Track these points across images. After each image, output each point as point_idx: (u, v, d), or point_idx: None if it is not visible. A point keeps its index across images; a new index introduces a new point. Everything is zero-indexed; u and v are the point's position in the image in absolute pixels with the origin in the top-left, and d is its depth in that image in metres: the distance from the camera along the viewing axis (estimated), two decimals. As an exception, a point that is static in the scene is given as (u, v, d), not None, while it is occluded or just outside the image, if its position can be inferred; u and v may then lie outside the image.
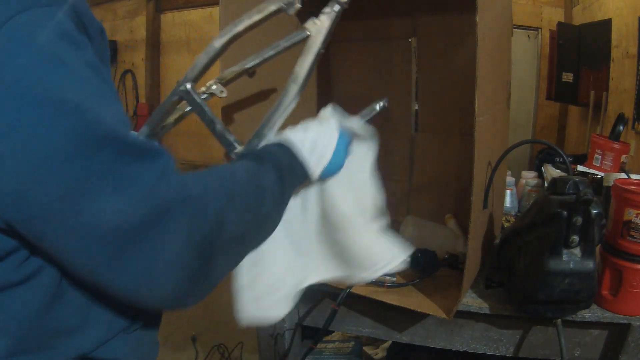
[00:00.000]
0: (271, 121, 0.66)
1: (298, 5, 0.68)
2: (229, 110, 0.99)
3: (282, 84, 0.68)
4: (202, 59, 0.72)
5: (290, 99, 0.66)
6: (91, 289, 0.48)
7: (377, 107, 0.80)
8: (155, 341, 0.63)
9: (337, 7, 0.67)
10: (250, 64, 0.81)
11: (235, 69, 0.82)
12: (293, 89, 0.66)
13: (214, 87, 0.77)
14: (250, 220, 0.53)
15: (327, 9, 0.67)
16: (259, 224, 0.57)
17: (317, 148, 0.63)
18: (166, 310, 0.48)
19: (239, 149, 0.67)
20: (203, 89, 0.77)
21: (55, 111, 0.39)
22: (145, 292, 0.44)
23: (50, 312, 0.46)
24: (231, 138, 0.69)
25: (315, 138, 0.63)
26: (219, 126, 0.68)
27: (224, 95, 0.78)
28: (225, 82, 0.81)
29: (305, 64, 0.67)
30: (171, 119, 0.80)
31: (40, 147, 0.39)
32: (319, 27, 0.67)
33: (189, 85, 0.71)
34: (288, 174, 0.59)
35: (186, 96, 0.72)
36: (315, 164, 0.62)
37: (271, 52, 0.78)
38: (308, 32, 0.68)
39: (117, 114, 0.45)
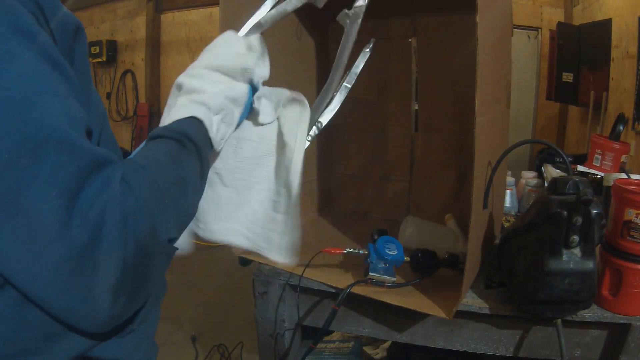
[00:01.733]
0: (318, 111, 0.72)
1: None
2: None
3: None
4: None
5: (334, 87, 0.72)
6: None
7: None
8: (152, 342, 0.63)
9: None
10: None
11: None
12: (336, 77, 0.72)
13: None
14: (176, 216, 0.51)
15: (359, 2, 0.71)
16: (185, 216, 0.55)
17: (226, 116, 0.62)
18: (101, 329, 0.46)
19: None
20: None
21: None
22: (81, 315, 0.42)
23: (37, 318, 0.45)
24: None
25: (224, 101, 0.61)
26: None
27: None
28: None
29: (345, 52, 0.72)
30: None
31: None
32: (353, 18, 0.71)
33: None
34: (204, 155, 0.58)
35: None
36: (222, 134, 0.62)
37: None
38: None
39: (68, 114, 0.42)
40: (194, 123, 0.58)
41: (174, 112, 0.60)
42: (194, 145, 0.55)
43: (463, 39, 1.15)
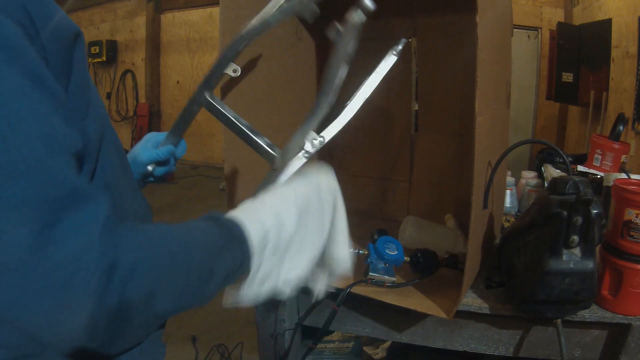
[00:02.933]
0: (306, 131, 0.65)
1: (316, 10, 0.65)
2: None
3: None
4: (215, 65, 0.71)
5: (323, 107, 0.65)
6: None
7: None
8: (160, 342, 0.64)
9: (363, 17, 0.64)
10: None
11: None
12: (325, 101, 0.64)
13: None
14: (183, 301, 0.45)
15: (355, 18, 0.63)
16: (193, 303, 0.48)
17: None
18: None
19: (276, 153, 0.66)
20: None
21: None
22: (47, 343, 0.40)
23: None
24: (264, 142, 0.67)
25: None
26: (249, 132, 0.69)
27: (238, 74, 0.78)
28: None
29: (335, 72, 0.64)
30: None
31: None
32: (346, 34, 0.62)
33: (207, 95, 0.71)
34: (239, 271, 0.51)
35: (209, 106, 0.71)
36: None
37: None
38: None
39: (47, 136, 0.39)
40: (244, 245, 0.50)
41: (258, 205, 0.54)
42: (238, 242, 0.49)
43: (463, 39, 1.15)
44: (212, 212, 0.52)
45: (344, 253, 0.62)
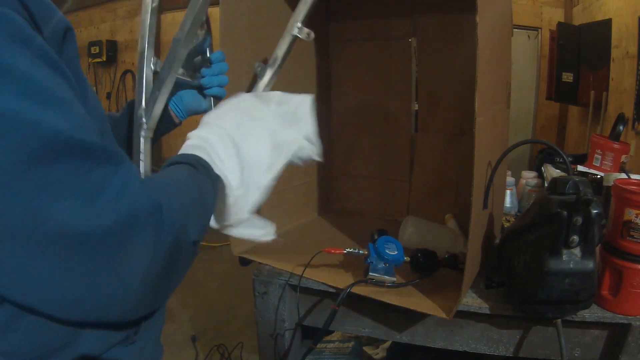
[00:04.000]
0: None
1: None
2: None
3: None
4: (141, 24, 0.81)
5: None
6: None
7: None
8: (158, 343, 0.64)
9: None
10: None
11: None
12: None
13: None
14: (202, 225, 0.55)
15: None
16: (206, 226, 0.58)
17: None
18: (124, 321, 0.47)
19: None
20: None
21: (3, 124, 0.36)
22: (105, 307, 0.41)
23: (42, 330, 0.45)
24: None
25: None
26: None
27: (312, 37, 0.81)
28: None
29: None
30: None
31: None
32: None
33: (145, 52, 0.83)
34: (214, 178, 0.59)
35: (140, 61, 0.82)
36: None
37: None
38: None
39: (76, 117, 0.41)
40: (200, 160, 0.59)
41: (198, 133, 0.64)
42: (205, 169, 0.58)
43: (463, 39, 1.15)
44: (170, 159, 0.60)
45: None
